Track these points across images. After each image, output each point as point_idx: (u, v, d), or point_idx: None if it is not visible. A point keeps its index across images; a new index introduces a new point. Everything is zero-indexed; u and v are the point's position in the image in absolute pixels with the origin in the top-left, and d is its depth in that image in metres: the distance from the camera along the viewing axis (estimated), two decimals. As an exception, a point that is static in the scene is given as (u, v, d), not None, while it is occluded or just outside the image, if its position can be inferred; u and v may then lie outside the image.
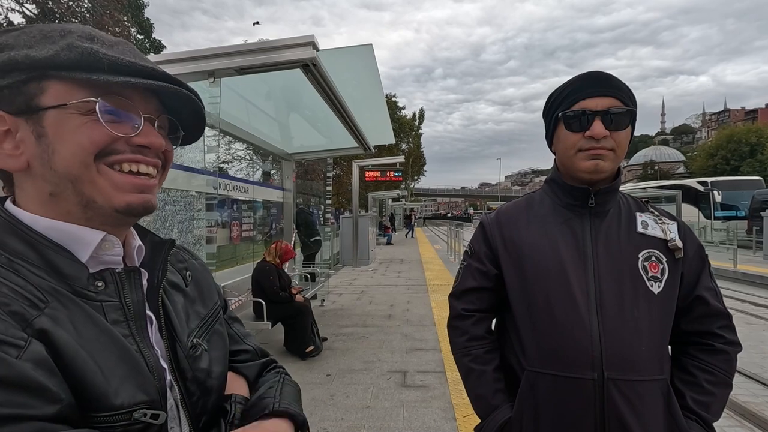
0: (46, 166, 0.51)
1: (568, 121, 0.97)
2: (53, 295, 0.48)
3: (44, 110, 0.50)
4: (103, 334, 0.50)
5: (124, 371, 0.49)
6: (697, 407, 0.94)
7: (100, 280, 0.53)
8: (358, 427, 2.90)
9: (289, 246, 4.79)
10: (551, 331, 0.96)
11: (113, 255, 0.57)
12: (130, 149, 0.54)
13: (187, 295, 0.67)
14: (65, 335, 0.46)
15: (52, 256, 0.51)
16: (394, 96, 37.38)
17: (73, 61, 0.50)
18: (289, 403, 0.65)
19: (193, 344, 0.62)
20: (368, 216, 12.67)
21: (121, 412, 0.47)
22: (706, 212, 19.57)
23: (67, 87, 0.51)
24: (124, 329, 0.53)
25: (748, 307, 7.13)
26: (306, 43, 2.51)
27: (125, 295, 0.55)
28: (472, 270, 1.13)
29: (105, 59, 0.51)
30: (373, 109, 5.78)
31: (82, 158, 0.51)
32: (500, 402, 1.03)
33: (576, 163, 0.98)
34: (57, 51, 0.49)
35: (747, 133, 39.28)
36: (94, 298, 0.52)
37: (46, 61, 0.49)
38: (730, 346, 0.98)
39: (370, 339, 4.84)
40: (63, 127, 0.51)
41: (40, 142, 0.51)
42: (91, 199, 0.53)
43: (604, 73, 0.97)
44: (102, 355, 0.48)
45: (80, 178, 0.52)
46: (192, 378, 0.60)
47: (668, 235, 0.98)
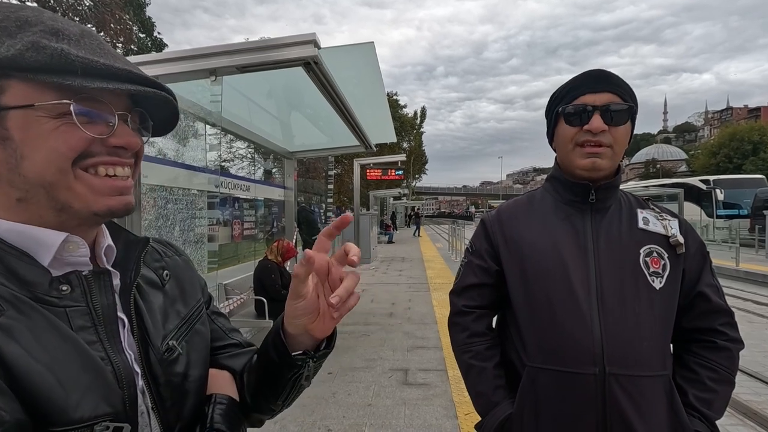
0: (13, 172, 0.47)
1: (567, 115, 0.99)
2: (11, 302, 0.45)
3: (6, 110, 0.46)
4: (65, 343, 0.46)
5: (87, 381, 0.46)
6: (700, 404, 0.94)
7: (66, 284, 0.50)
8: (360, 425, 2.90)
9: (290, 244, 4.79)
10: (552, 327, 0.96)
11: (79, 256, 0.53)
12: (105, 150, 0.51)
13: (167, 294, 0.63)
14: (17, 348, 0.42)
15: (10, 260, 0.47)
16: (396, 94, 37.35)
17: (41, 63, 0.45)
18: None
19: (168, 347, 0.58)
20: (369, 214, 12.66)
21: (80, 426, 0.44)
22: (708, 211, 19.51)
23: (34, 87, 0.47)
24: (91, 335, 0.50)
25: (751, 305, 7.11)
26: (307, 41, 2.51)
27: (93, 299, 0.52)
28: (473, 267, 1.13)
29: (78, 62, 0.46)
30: (375, 107, 5.78)
31: (59, 164, 0.48)
32: (501, 398, 1.03)
33: (574, 160, 0.99)
34: (21, 50, 0.45)
35: (750, 132, 39.14)
36: (56, 304, 0.48)
37: (9, 61, 0.45)
38: (733, 343, 0.99)
39: (372, 337, 4.85)
40: (32, 130, 0.47)
41: (3, 145, 0.47)
42: (66, 204, 0.50)
43: (605, 70, 0.98)
44: (62, 365, 0.45)
45: (55, 184, 0.48)
46: (165, 383, 0.57)
47: (669, 231, 0.98)
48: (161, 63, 2.56)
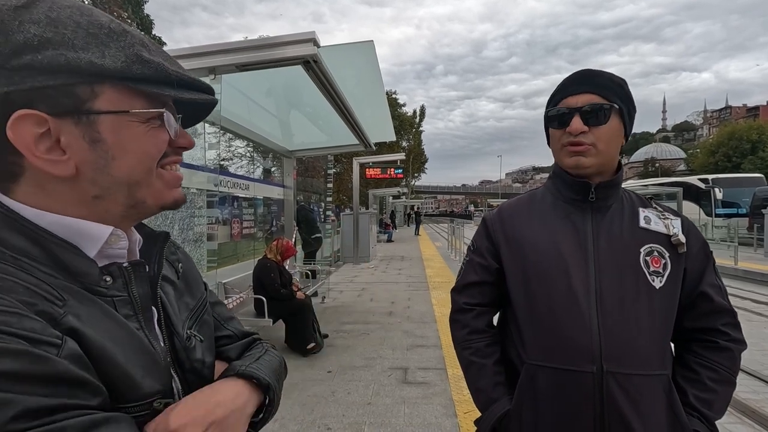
0: (101, 172, 0.50)
1: (551, 118, 1.02)
2: (67, 292, 0.47)
3: (99, 114, 0.49)
4: (121, 329, 0.50)
5: (143, 363, 0.51)
6: (700, 404, 0.94)
7: (108, 275, 0.52)
8: (360, 423, 2.91)
9: (290, 243, 4.79)
10: (551, 325, 0.96)
11: (119, 249, 0.56)
12: (172, 151, 0.57)
13: (177, 287, 0.67)
14: (91, 332, 0.46)
15: (59, 252, 0.49)
16: (395, 93, 37.26)
17: (145, 75, 0.50)
18: (256, 368, 0.62)
19: (188, 335, 0.62)
20: (369, 213, 12.67)
21: (143, 403, 0.49)
22: (707, 209, 19.55)
23: (126, 94, 0.50)
24: (134, 323, 0.53)
25: (749, 304, 7.13)
26: (307, 39, 2.51)
27: (133, 289, 0.55)
28: (474, 264, 1.14)
29: (173, 75, 0.52)
30: (374, 106, 5.78)
31: (148, 165, 0.53)
32: (500, 395, 1.04)
33: (561, 159, 1.02)
34: (127, 63, 0.48)
35: (748, 131, 39.15)
36: (105, 294, 0.51)
37: (116, 72, 0.48)
38: (735, 343, 0.98)
39: (371, 336, 4.85)
40: (124, 135, 0.50)
41: (94, 147, 0.49)
42: (141, 200, 0.54)
43: (591, 70, 0.99)
44: (124, 348, 0.49)
45: (140, 183, 0.53)
46: (190, 368, 0.61)
47: (671, 230, 0.98)
48: (160, 61, 2.55)
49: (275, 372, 0.67)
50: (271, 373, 0.64)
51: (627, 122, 1.00)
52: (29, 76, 0.45)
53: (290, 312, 4.30)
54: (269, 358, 0.70)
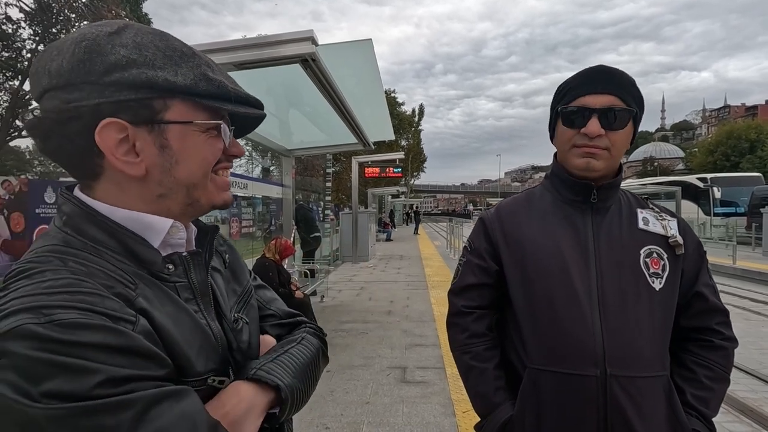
0: (167, 174, 0.58)
1: (566, 116, 0.98)
2: (138, 278, 0.54)
3: (168, 124, 0.56)
4: (181, 311, 0.56)
5: (199, 343, 0.56)
6: (697, 403, 0.94)
7: (170, 263, 0.59)
8: (358, 422, 2.91)
9: (288, 242, 4.78)
10: (553, 328, 0.95)
11: (179, 239, 0.62)
12: (225, 158, 0.64)
13: (224, 275, 0.72)
14: (158, 313, 0.52)
15: (130, 243, 0.56)
16: (394, 92, 37.22)
17: (208, 92, 0.57)
18: (269, 370, 0.63)
19: (235, 318, 0.68)
20: (368, 212, 12.67)
21: (199, 379, 0.55)
22: (705, 209, 19.59)
23: (192, 107, 0.58)
24: (194, 306, 0.60)
25: (747, 303, 7.14)
26: (305, 38, 2.50)
27: (192, 276, 0.61)
28: (472, 266, 1.11)
29: (232, 92, 0.60)
30: (373, 104, 5.77)
31: (204, 170, 0.60)
32: (501, 400, 1.02)
33: (569, 159, 0.99)
34: (195, 80, 0.56)
35: (747, 130, 39.23)
36: (168, 280, 0.58)
37: (186, 88, 0.56)
38: (728, 342, 0.99)
39: (370, 335, 4.85)
40: (188, 142, 0.58)
41: (162, 152, 0.57)
42: (197, 200, 0.61)
43: (609, 68, 0.96)
44: (184, 328, 0.55)
45: (197, 185, 0.60)
46: (237, 348, 0.65)
47: (669, 231, 0.98)
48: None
49: (299, 367, 0.68)
50: (288, 371, 0.65)
51: (636, 126, 0.98)
52: (117, 90, 0.53)
53: (289, 311, 4.29)
54: (299, 351, 0.71)
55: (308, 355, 0.71)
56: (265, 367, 0.63)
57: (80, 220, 0.55)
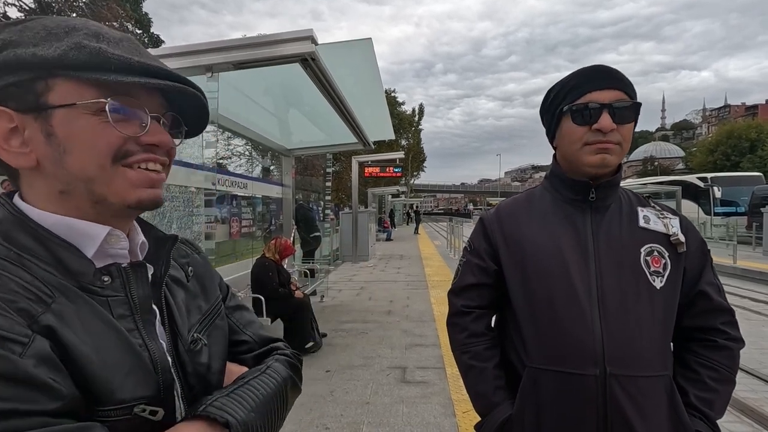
0: (58, 165, 0.51)
1: (575, 114, 0.95)
2: (60, 290, 0.49)
3: (52, 109, 0.50)
4: (108, 329, 0.50)
5: (128, 366, 0.50)
6: (701, 404, 0.93)
7: (107, 275, 0.54)
8: (358, 423, 2.90)
9: (288, 242, 4.78)
10: (553, 328, 0.95)
11: (119, 249, 0.57)
12: (141, 149, 0.55)
13: (189, 290, 0.67)
14: (70, 331, 0.47)
15: (59, 252, 0.51)
16: (394, 91, 37.24)
17: (82, 61, 0.50)
18: (221, 405, 0.56)
19: (193, 338, 0.62)
20: (368, 212, 12.67)
21: (122, 407, 0.48)
22: (705, 208, 19.57)
23: (75, 86, 0.51)
24: (129, 323, 0.54)
25: (748, 302, 7.13)
26: (305, 37, 2.49)
27: (131, 290, 0.56)
28: (471, 266, 1.11)
29: (114, 59, 0.51)
30: (373, 104, 5.76)
31: (99, 161, 0.52)
32: (501, 399, 1.02)
33: (582, 158, 0.96)
34: (65, 50, 0.49)
35: (747, 129, 39.21)
36: (100, 293, 0.52)
37: (55, 60, 0.49)
38: (733, 342, 0.98)
39: (370, 335, 4.85)
40: (72, 127, 0.51)
41: (49, 141, 0.51)
42: (102, 197, 0.54)
43: (608, 66, 0.96)
44: (106, 349, 0.49)
45: (94, 179, 0.52)
46: (192, 372, 0.60)
47: (670, 229, 0.97)
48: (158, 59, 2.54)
49: (258, 401, 0.60)
50: (243, 406, 0.57)
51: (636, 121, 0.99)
52: None
53: (289, 311, 4.29)
54: (260, 382, 0.63)
55: (272, 387, 0.64)
56: (216, 402, 0.56)
57: (10, 225, 0.51)
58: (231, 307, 0.77)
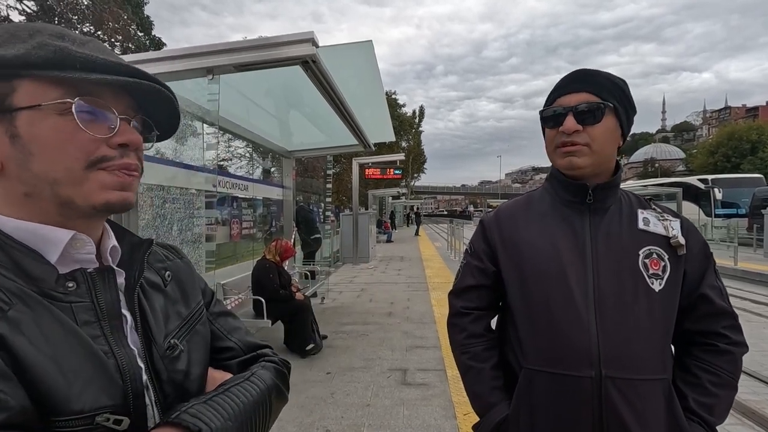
0: (23, 168, 0.50)
1: (544, 119, 1.01)
2: (19, 296, 0.47)
3: (17, 111, 0.49)
4: (70, 336, 0.49)
5: (89, 374, 0.48)
6: (700, 409, 0.93)
7: (72, 281, 0.52)
8: (359, 425, 2.90)
9: (289, 244, 4.78)
10: (549, 329, 0.95)
11: (85, 253, 0.56)
12: (118, 154, 0.54)
13: (168, 295, 0.66)
14: (24, 339, 0.45)
15: (19, 257, 0.50)
16: (394, 93, 37.29)
17: (45, 59, 0.49)
18: (195, 413, 0.53)
19: (170, 345, 0.60)
20: (368, 214, 12.67)
21: (81, 416, 0.46)
22: (706, 210, 19.54)
23: (40, 86, 0.50)
24: (95, 330, 0.52)
25: (749, 304, 7.12)
26: (306, 39, 2.50)
27: (98, 295, 0.54)
28: (471, 268, 1.13)
29: (78, 56, 0.50)
30: (374, 106, 5.77)
31: (66, 163, 0.51)
32: (498, 400, 1.03)
33: (555, 161, 1.01)
34: (28, 49, 0.49)
35: (748, 131, 39.17)
36: (62, 299, 0.51)
37: (16, 59, 0.48)
38: (735, 346, 0.97)
39: (371, 337, 4.84)
40: (38, 129, 0.50)
41: (14, 143, 0.50)
42: (69, 199, 0.52)
43: (587, 70, 0.98)
44: (66, 357, 0.47)
45: (61, 181, 0.51)
46: (168, 379, 0.58)
47: (670, 232, 0.97)
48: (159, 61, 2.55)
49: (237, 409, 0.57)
50: (220, 414, 0.55)
51: (624, 122, 0.98)
52: None
53: (289, 313, 4.29)
54: (242, 389, 0.61)
55: (254, 395, 0.61)
56: (191, 409, 0.54)
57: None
58: (215, 313, 0.75)
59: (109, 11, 16.36)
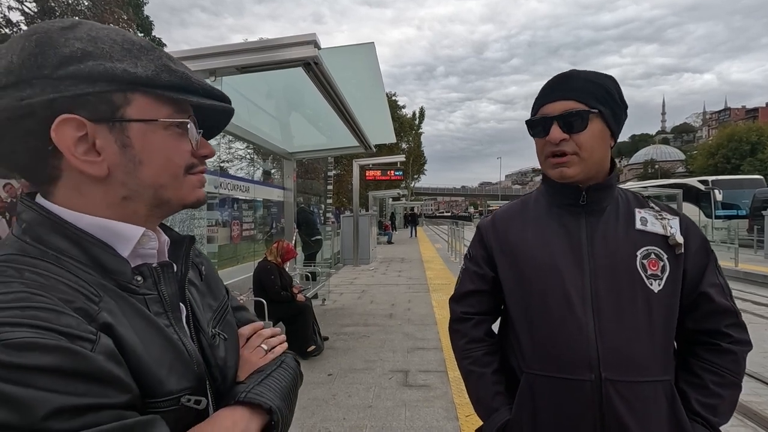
0: (130, 175, 0.54)
1: (530, 128, 1.01)
2: (103, 289, 0.50)
3: (130, 122, 0.53)
4: (150, 325, 0.53)
5: (170, 359, 0.52)
6: (703, 410, 0.92)
7: (139, 275, 0.55)
8: (360, 426, 2.90)
9: (290, 245, 4.78)
10: (547, 333, 0.95)
11: (149, 249, 0.59)
12: (199, 161, 0.61)
13: (199, 288, 0.69)
14: (122, 328, 0.48)
15: (96, 252, 0.52)
16: (395, 95, 37.37)
17: (172, 83, 0.54)
18: (260, 393, 0.61)
19: (212, 333, 0.65)
20: (369, 215, 12.67)
21: (170, 398, 0.51)
22: (707, 211, 19.52)
23: (154, 102, 0.54)
24: (164, 320, 0.56)
25: (750, 306, 7.13)
26: (307, 41, 2.50)
27: (162, 288, 0.58)
28: (470, 273, 1.13)
29: (197, 84, 0.57)
30: (374, 107, 5.78)
31: (172, 171, 0.57)
32: (500, 404, 1.02)
33: (546, 170, 1.01)
34: (157, 72, 0.53)
35: (748, 132, 39.25)
36: (137, 292, 0.54)
37: (145, 78, 0.52)
38: (738, 345, 0.95)
39: (372, 338, 4.84)
40: (150, 141, 0.54)
41: (124, 151, 0.53)
42: (166, 200, 0.58)
43: (567, 74, 0.97)
44: (151, 344, 0.51)
45: (166, 186, 0.57)
46: (215, 365, 0.62)
47: (668, 230, 0.95)
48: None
49: (284, 390, 0.65)
50: (276, 394, 0.63)
51: (612, 123, 0.96)
52: (73, 84, 0.49)
53: (290, 314, 4.28)
54: (280, 374, 0.69)
55: (288, 379, 0.69)
56: (255, 389, 0.61)
57: (41, 228, 0.51)
58: (234, 308, 0.80)
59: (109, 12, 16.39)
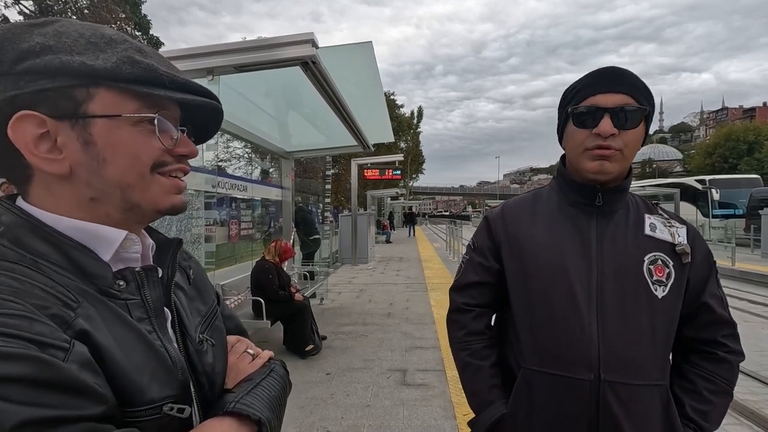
0: (94, 174, 0.51)
1: (576, 117, 0.94)
2: (82, 294, 0.48)
3: (93, 118, 0.50)
4: (131, 332, 0.51)
5: (152, 366, 0.51)
6: (696, 416, 0.93)
7: (122, 279, 0.54)
8: (358, 425, 2.90)
9: (288, 245, 4.78)
10: (549, 330, 0.95)
11: (133, 253, 0.57)
12: (173, 159, 0.57)
13: (187, 293, 0.68)
14: (100, 334, 0.47)
15: (76, 256, 0.50)
16: (393, 94, 37.33)
17: (135, 75, 0.51)
18: (249, 403, 0.59)
19: (200, 339, 0.63)
20: (367, 214, 12.66)
21: (152, 407, 0.49)
22: (704, 210, 19.60)
23: (119, 97, 0.51)
24: (147, 326, 0.54)
25: (746, 305, 7.15)
26: (306, 40, 2.50)
27: (146, 293, 0.56)
28: (474, 264, 1.11)
29: (165, 76, 0.53)
30: (373, 107, 5.78)
31: (139, 170, 0.53)
32: (495, 398, 1.02)
33: (582, 162, 0.95)
34: (118, 64, 0.50)
35: (745, 132, 39.40)
36: (119, 297, 0.52)
37: (107, 72, 0.49)
38: (733, 355, 0.97)
39: (370, 337, 4.84)
40: (114, 138, 0.51)
41: (87, 149, 0.51)
42: (136, 204, 0.55)
43: (619, 68, 0.93)
44: (132, 351, 0.49)
45: (132, 186, 0.53)
46: (202, 371, 0.61)
47: (676, 238, 0.96)
48: (158, 62, 2.54)
49: (273, 400, 0.64)
50: (265, 404, 0.61)
51: (648, 126, 0.96)
52: (32, 80, 0.48)
53: (289, 314, 4.28)
54: (269, 383, 0.67)
55: (277, 387, 0.67)
56: (244, 399, 0.59)
57: (20, 230, 0.49)
58: (224, 316, 0.78)
59: (106, 10, 16.32)
